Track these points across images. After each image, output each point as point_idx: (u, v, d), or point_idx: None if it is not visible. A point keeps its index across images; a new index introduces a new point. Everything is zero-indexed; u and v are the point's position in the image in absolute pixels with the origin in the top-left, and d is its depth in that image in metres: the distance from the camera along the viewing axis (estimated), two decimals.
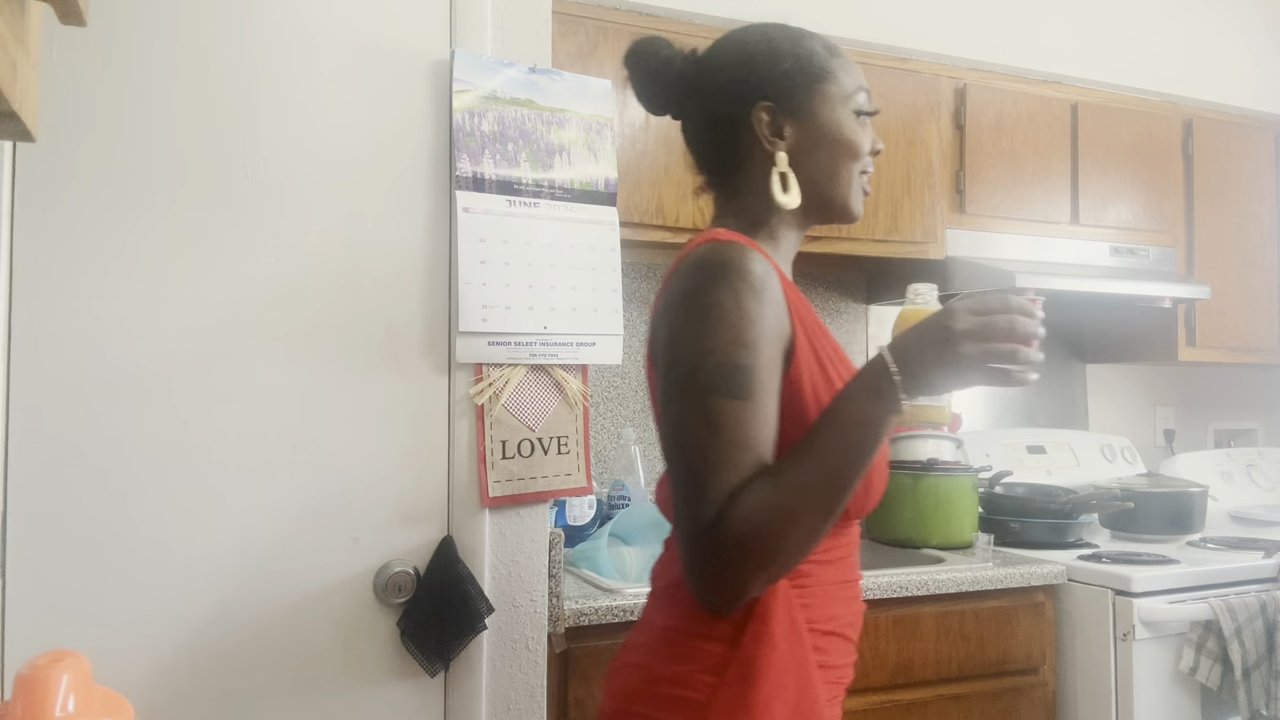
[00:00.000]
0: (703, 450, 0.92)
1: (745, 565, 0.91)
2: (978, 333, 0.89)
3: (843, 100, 1.08)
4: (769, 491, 0.90)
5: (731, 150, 1.09)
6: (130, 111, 1.23)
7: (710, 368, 0.92)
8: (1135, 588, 1.94)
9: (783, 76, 1.07)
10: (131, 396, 1.22)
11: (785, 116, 1.07)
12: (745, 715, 0.93)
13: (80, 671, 0.99)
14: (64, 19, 0.69)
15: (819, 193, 1.08)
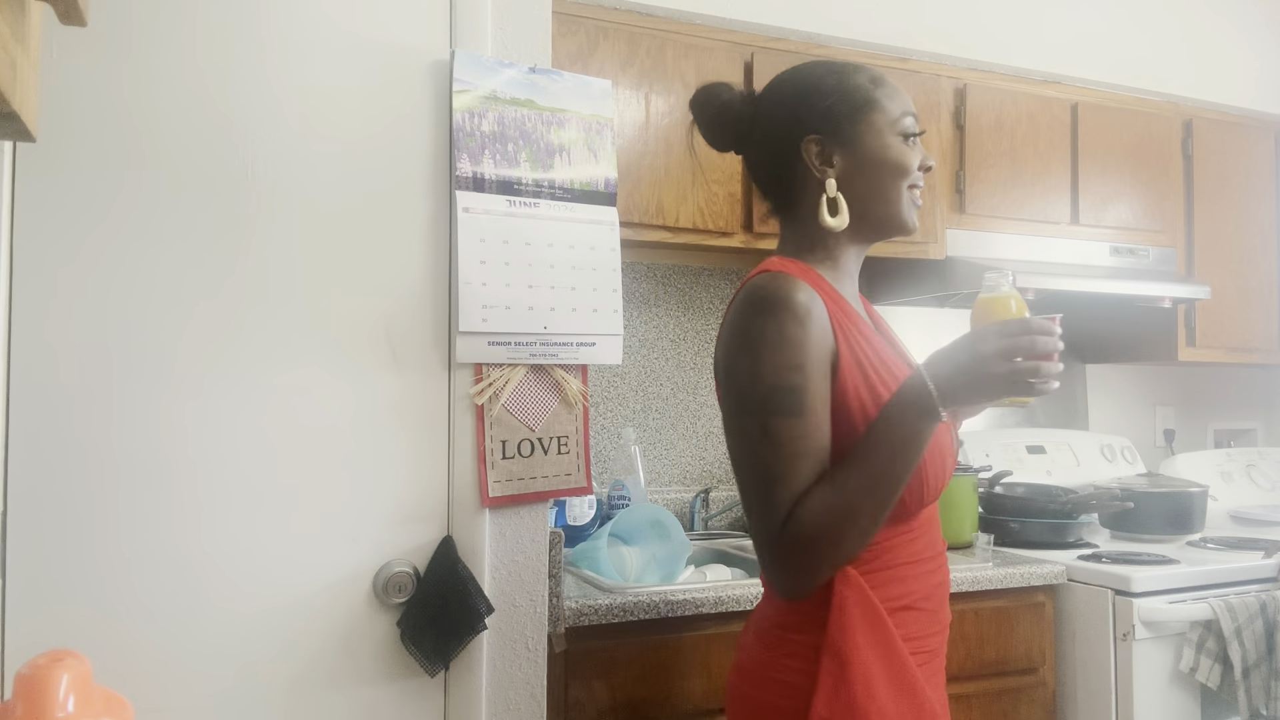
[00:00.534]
0: (766, 465, 1.06)
1: (813, 559, 1.05)
2: (1004, 353, 1.02)
3: (889, 126, 1.19)
4: (830, 496, 1.05)
5: (788, 181, 1.23)
6: (130, 111, 1.23)
7: (765, 392, 1.06)
8: (1135, 588, 1.94)
9: (828, 111, 1.19)
10: (131, 396, 1.22)
11: (834, 146, 1.19)
12: (849, 694, 1.05)
13: (80, 671, 0.99)
14: (64, 19, 0.69)
15: (871, 211, 1.20)
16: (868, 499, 1.05)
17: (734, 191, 2.09)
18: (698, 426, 2.46)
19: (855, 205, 1.20)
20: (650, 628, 1.66)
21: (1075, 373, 2.98)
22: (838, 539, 1.05)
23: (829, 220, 1.18)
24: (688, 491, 2.42)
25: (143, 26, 1.24)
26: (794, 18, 2.21)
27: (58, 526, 1.18)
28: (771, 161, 1.24)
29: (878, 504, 1.06)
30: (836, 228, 1.18)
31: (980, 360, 1.03)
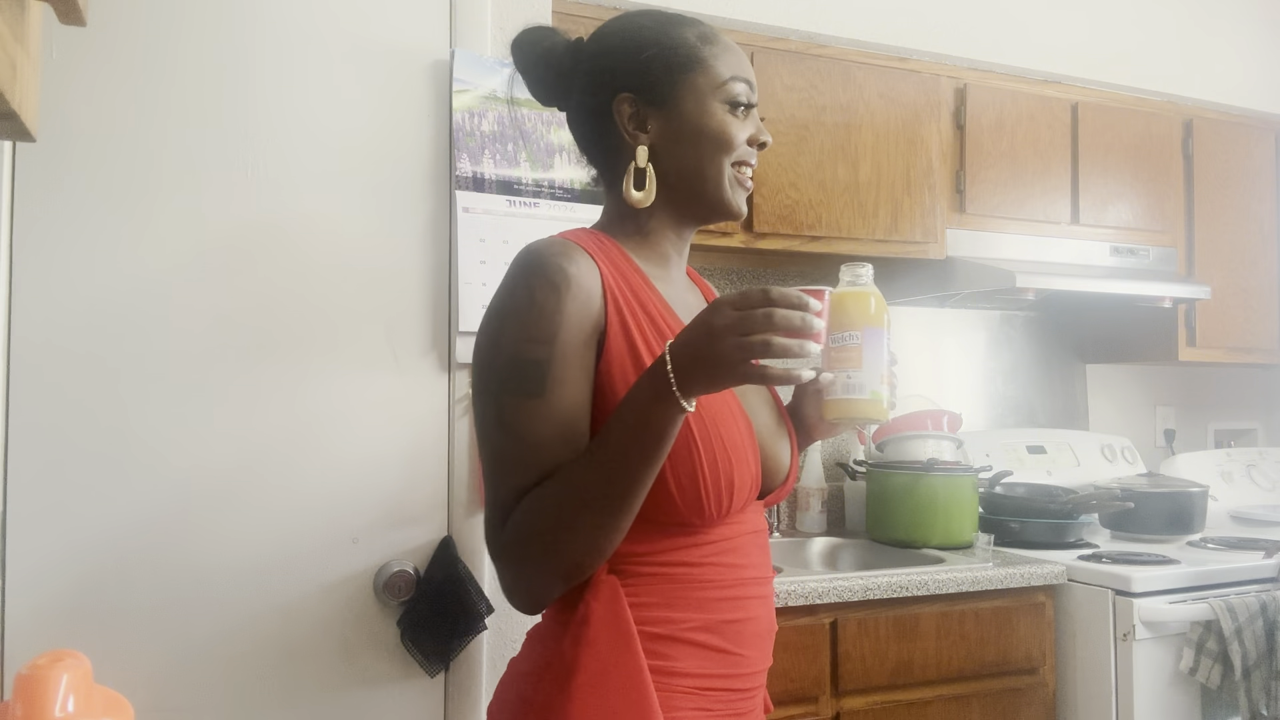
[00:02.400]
0: (495, 451, 0.91)
1: (530, 565, 0.89)
2: (734, 327, 0.82)
3: (712, 90, 1.01)
4: (554, 493, 0.88)
5: (603, 144, 1.05)
6: (130, 112, 1.23)
7: (501, 366, 0.91)
8: (1135, 588, 1.93)
9: (645, 66, 1.01)
10: (131, 397, 1.22)
11: (648, 108, 1.01)
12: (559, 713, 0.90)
13: (80, 671, 0.99)
14: (64, 19, 0.69)
15: (686, 188, 1.03)
16: (593, 500, 0.86)
17: None
18: None
19: (668, 179, 1.02)
20: None
21: (1075, 373, 2.98)
22: (557, 544, 0.87)
23: (633, 194, 1.00)
24: None
25: (142, 27, 1.24)
26: (794, 18, 2.21)
27: (58, 526, 1.18)
28: (587, 120, 1.06)
29: (607, 508, 0.87)
30: (639, 203, 1.00)
31: (711, 335, 0.83)
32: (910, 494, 2.16)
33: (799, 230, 2.15)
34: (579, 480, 0.87)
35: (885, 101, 2.25)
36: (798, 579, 1.78)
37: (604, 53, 1.05)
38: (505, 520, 0.89)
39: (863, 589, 1.81)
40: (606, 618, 0.91)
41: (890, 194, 2.25)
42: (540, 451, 0.89)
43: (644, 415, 0.85)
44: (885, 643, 1.85)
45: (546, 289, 0.91)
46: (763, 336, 0.81)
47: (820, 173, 2.18)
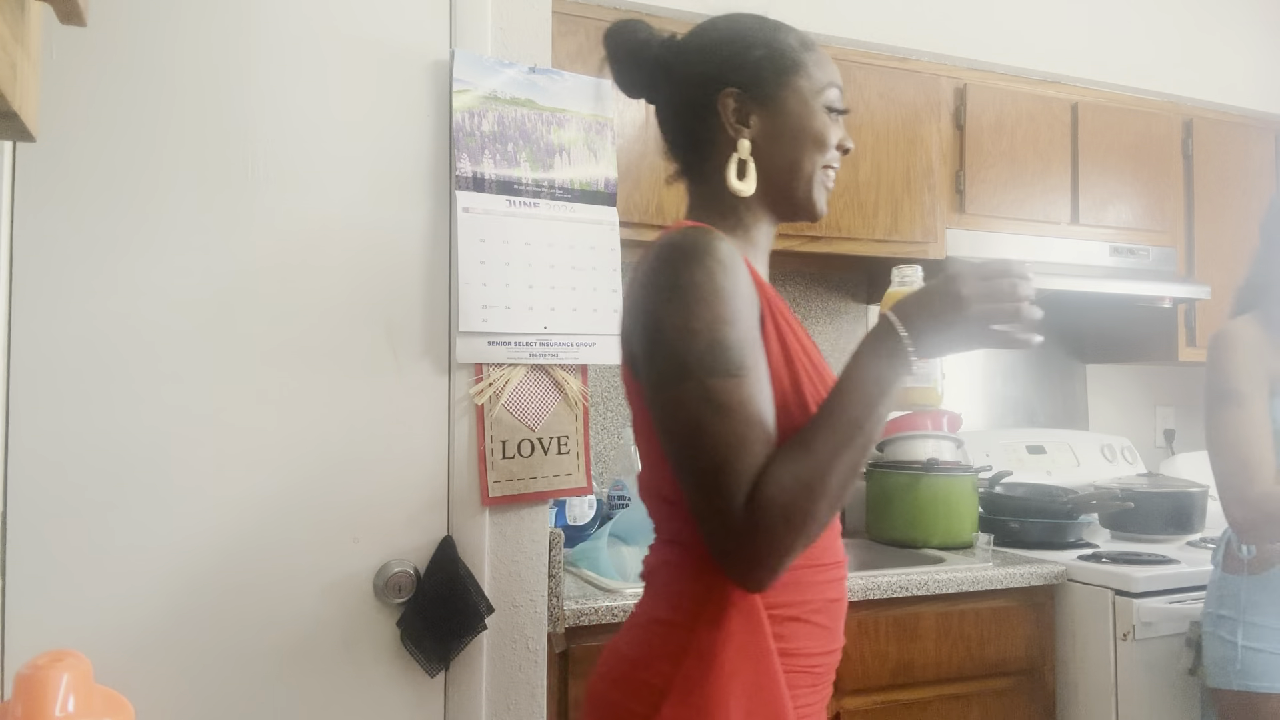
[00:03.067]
0: (715, 435, 0.90)
1: (786, 538, 0.89)
2: (984, 295, 0.93)
3: (813, 94, 1.07)
4: (798, 462, 0.90)
5: (700, 137, 1.09)
6: (130, 111, 1.23)
7: (701, 350, 0.91)
8: (1135, 588, 1.93)
9: (753, 65, 1.07)
10: (131, 397, 1.22)
11: (752, 104, 1.06)
12: (701, 701, 0.94)
13: (80, 671, 0.99)
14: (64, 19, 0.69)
15: (781, 184, 1.08)
16: (839, 463, 0.90)
17: None
18: None
19: (765, 174, 1.07)
20: None
21: (1075, 373, 2.98)
22: (811, 512, 0.90)
23: (735, 183, 1.05)
24: None
25: (142, 27, 1.24)
26: (794, 18, 2.19)
27: (58, 526, 1.18)
28: (684, 113, 1.10)
29: (849, 469, 0.92)
30: (742, 192, 1.05)
31: (958, 302, 0.93)
32: (910, 494, 2.16)
33: (799, 230, 2.15)
34: (825, 447, 0.91)
35: (885, 101, 2.25)
36: None
37: (709, 49, 1.09)
38: (746, 501, 0.89)
39: (863, 589, 1.81)
40: (742, 606, 0.96)
41: (890, 194, 2.25)
42: (757, 427, 0.91)
43: (878, 376, 0.92)
44: (885, 642, 1.85)
45: (722, 271, 0.93)
46: (1014, 305, 0.92)
47: None
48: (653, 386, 0.96)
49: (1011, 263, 0.95)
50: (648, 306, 0.96)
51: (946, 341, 0.95)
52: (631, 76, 1.14)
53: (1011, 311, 0.93)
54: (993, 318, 0.93)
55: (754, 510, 0.89)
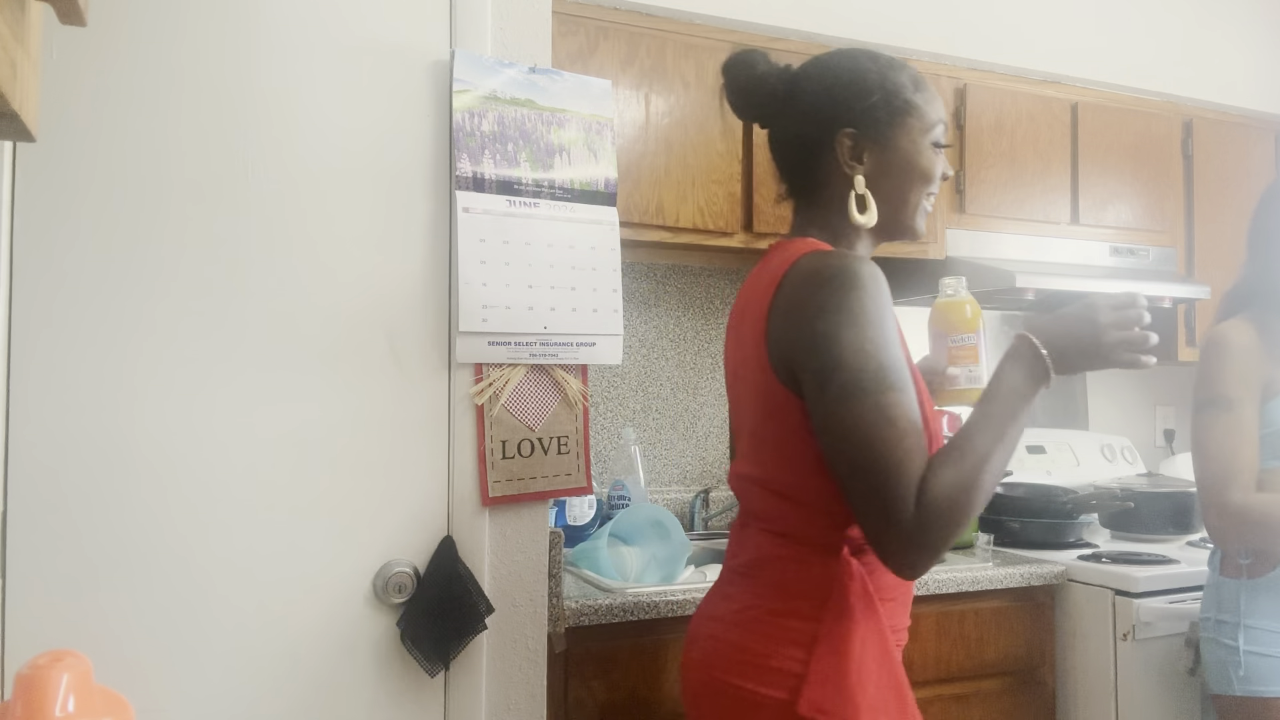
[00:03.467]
0: (888, 445, 1.02)
1: (949, 535, 1.02)
2: (1118, 324, 1.08)
3: (922, 132, 1.19)
4: (957, 468, 1.02)
5: (814, 167, 1.21)
6: (130, 112, 1.23)
7: (874, 369, 1.03)
8: (1135, 588, 1.94)
9: (869, 108, 1.18)
10: (131, 396, 1.22)
11: (866, 143, 1.18)
12: (841, 681, 1.06)
13: (80, 671, 0.99)
14: (64, 19, 0.69)
15: (889, 212, 1.20)
16: (990, 468, 1.03)
17: (734, 191, 2.09)
18: (698, 426, 2.46)
19: (883, 205, 1.20)
20: (650, 628, 1.66)
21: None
22: (969, 511, 1.02)
23: (858, 217, 1.18)
24: (688, 491, 2.42)
25: (142, 27, 1.24)
26: (794, 18, 2.21)
27: (58, 526, 1.18)
28: (799, 145, 1.22)
29: (997, 473, 1.05)
30: (865, 224, 1.18)
31: (1098, 329, 1.08)
32: None
33: None
34: (977, 453, 1.03)
35: None
36: None
37: (827, 89, 1.20)
38: (916, 500, 1.01)
39: None
40: (861, 593, 1.09)
41: None
42: (918, 436, 1.03)
43: (1022, 390, 1.07)
44: None
45: (880, 298, 1.07)
46: (1144, 333, 1.09)
47: None
48: (826, 400, 1.06)
49: (1136, 295, 1.10)
50: (821, 328, 1.06)
51: (1082, 362, 1.10)
52: (748, 105, 1.26)
53: (1141, 339, 1.09)
54: (1124, 344, 1.08)
55: (922, 511, 1.00)
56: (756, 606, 1.15)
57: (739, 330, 1.22)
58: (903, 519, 1.01)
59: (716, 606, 1.21)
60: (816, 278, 1.08)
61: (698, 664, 1.19)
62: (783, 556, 1.14)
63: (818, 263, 1.10)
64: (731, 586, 1.20)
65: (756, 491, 1.18)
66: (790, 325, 1.10)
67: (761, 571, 1.16)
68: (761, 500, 1.18)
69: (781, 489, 1.14)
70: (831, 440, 1.06)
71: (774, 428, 1.13)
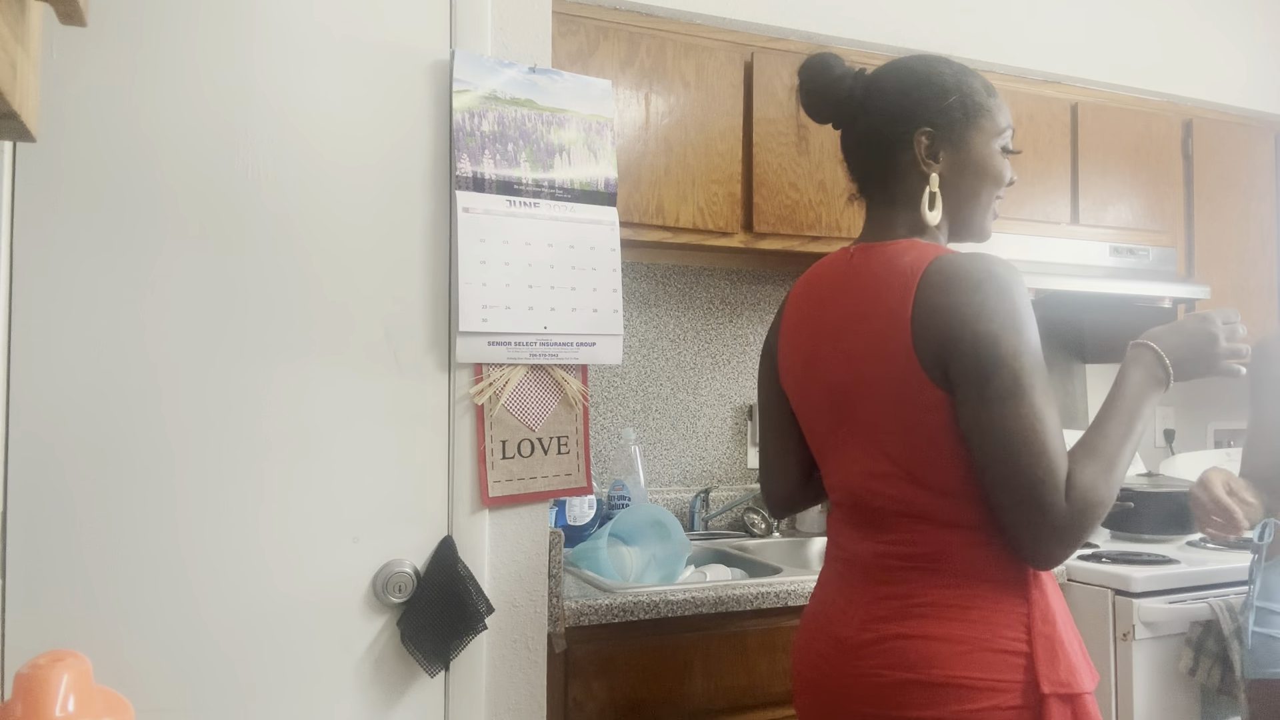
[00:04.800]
0: (1044, 441, 1.08)
1: (1092, 527, 1.09)
2: (1229, 336, 1.22)
3: (995, 135, 1.25)
4: (1097, 463, 1.10)
5: (891, 166, 1.25)
6: (130, 111, 1.23)
7: (1030, 369, 1.09)
8: (1135, 588, 1.94)
9: (946, 109, 1.23)
10: (131, 396, 1.22)
11: (942, 143, 1.23)
12: (1062, 650, 1.12)
13: (80, 671, 0.99)
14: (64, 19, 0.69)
15: (961, 212, 1.25)
16: (1120, 465, 1.12)
17: (734, 191, 2.09)
18: (698, 426, 2.46)
19: (949, 204, 1.24)
20: (650, 628, 1.66)
21: (1075, 373, 2.98)
22: (1109, 504, 1.10)
23: (928, 214, 1.22)
24: (688, 491, 2.42)
25: (142, 27, 1.24)
26: (794, 18, 2.21)
27: (58, 526, 1.18)
28: (877, 144, 1.25)
29: (1125, 469, 1.13)
30: (932, 222, 1.22)
31: (1210, 339, 1.20)
32: None
33: (799, 230, 2.15)
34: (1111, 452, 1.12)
35: None
36: (798, 579, 1.78)
37: (905, 90, 1.25)
38: (1067, 496, 1.07)
39: None
40: (1047, 573, 1.17)
41: None
42: (1062, 436, 1.11)
43: (1145, 394, 1.17)
44: None
45: (1027, 300, 1.13)
46: (1245, 345, 1.23)
47: (820, 173, 2.18)
48: (987, 400, 1.10)
49: (1234, 311, 1.24)
50: (982, 329, 1.10)
51: (1198, 369, 1.21)
52: (823, 107, 1.30)
53: (1244, 351, 1.23)
54: (1229, 354, 1.22)
55: (1073, 507, 1.07)
56: (959, 596, 1.13)
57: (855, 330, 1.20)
58: (1057, 514, 1.07)
59: (889, 606, 1.16)
60: (969, 280, 1.11)
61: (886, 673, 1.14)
62: (958, 544, 1.14)
63: (967, 264, 1.12)
64: (898, 585, 1.16)
65: (903, 488, 1.16)
66: (946, 326, 1.11)
67: (945, 562, 1.14)
68: (910, 496, 1.16)
69: (933, 483, 1.15)
70: (988, 438, 1.10)
71: (925, 426, 1.14)
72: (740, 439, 2.51)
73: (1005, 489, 1.09)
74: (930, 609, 1.14)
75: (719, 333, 2.49)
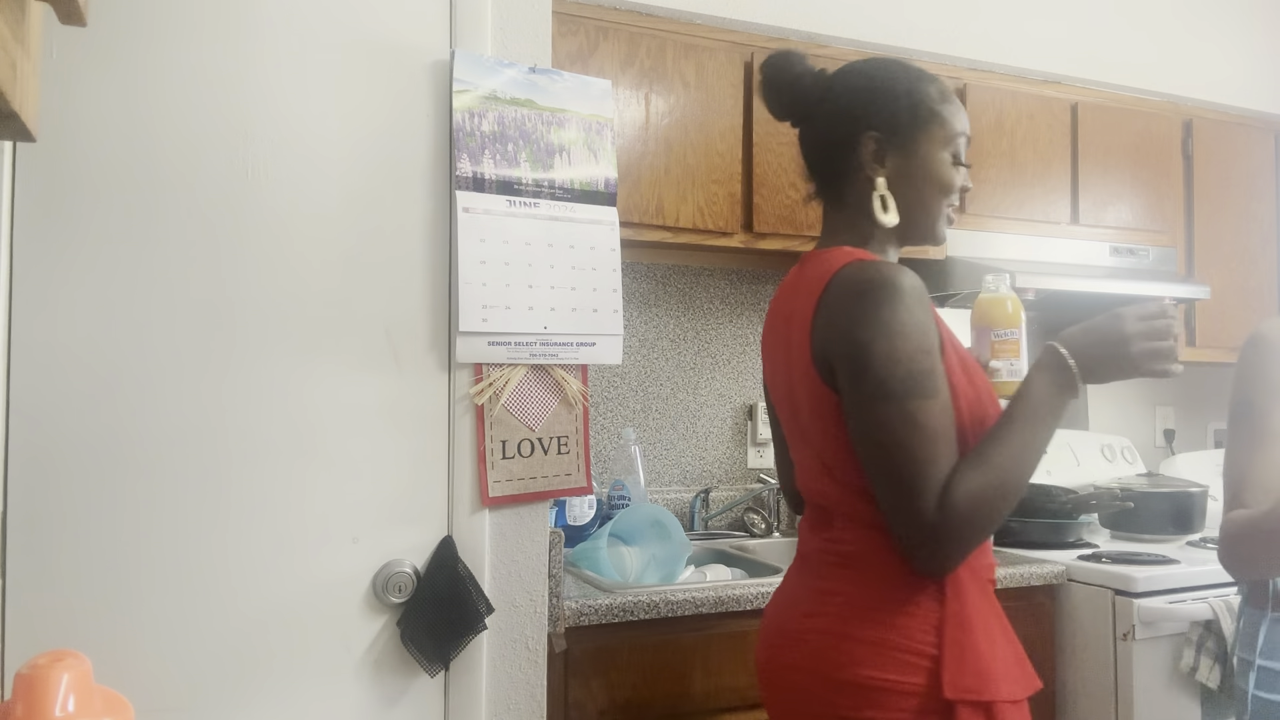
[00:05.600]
0: (912, 449, 1.07)
1: (971, 536, 1.07)
2: (1146, 334, 1.10)
3: (945, 143, 1.23)
4: (981, 474, 1.07)
5: (841, 169, 1.25)
6: (130, 111, 1.23)
7: (902, 376, 1.07)
8: (1135, 588, 1.94)
9: (894, 113, 1.22)
10: (131, 396, 1.22)
11: (890, 148, 1.22)
12: (974, 656, 1.09)
13: (80, 671, 0.99)
14: (64, 19, 0.69)
15: (910, 218, 1.24)
16: (1014, 474, 1.08)
17: (734, 191, 2.09)
18: (698, 426, 2.46)
19: (902, 209, 1.23)
20: (650, 628, 1.66)
21: None
22: (992, 515, 1.07)
23: (881, 216, 1.21)
24: (688, 491, 2.42)
25: (143, 27, 1.24)
26: (794, 18, 2.21)
27: (58, 526, 1.18)
28: (828, 145, 1.26)
29: (1023, 478, 1.09)
30: (887, 224, 1.21)
31: (1124, 339, 1.10)
32: None
33: (799, 230, 2.15)
34: (1001, 461, 1.08)
35: None
36: None
37: (856, 91, 1.25)
38: (937, 505, 1.06)
39: None
40: (969, 577, 1.14)
41: None
42: (946, 442, 1.08)
43: (1048, 399, 1.10)
44: None
45: (919, 307, 1.10)
46: (1171, 343, 1.10)
47: None
48: (858, 404, 1.11)
49: (1166, 304, 1.11)
50: (855, 337, 1.11)
51: (1110, 372, 1.12)
52: (783, 104, 1.29)
53: (1167, 350, 1.10)
54: (1151, 354, 1.10)
55: (943, 513, 1.05)
56: (871, 596, 1.15)
57: (787, 337, 1.23)
58: (924, 521, 1.06)
59: (815, 604, 1.19)
60: (856, 287, 1.13)
61: (806, 666, 1.17)
62: (883, 546, 1.15)
63: (859, 273, 1.14)
64: (830, 581, 1.19)
65: (834, 489, 1.19)
66: (831, 331, 1.14)
67: (866, 562, 1.16)
68: (840, 496, 1.19)
69: (851, 484, 1.17)
70: (861, 442, 1.12)
71: (835, 429, 1.16)
72: (740, 439, 2.51)
73: (879, 493, 1.11)
74: (849, 608, 1.16)
75: (719, 333, 2.49)
